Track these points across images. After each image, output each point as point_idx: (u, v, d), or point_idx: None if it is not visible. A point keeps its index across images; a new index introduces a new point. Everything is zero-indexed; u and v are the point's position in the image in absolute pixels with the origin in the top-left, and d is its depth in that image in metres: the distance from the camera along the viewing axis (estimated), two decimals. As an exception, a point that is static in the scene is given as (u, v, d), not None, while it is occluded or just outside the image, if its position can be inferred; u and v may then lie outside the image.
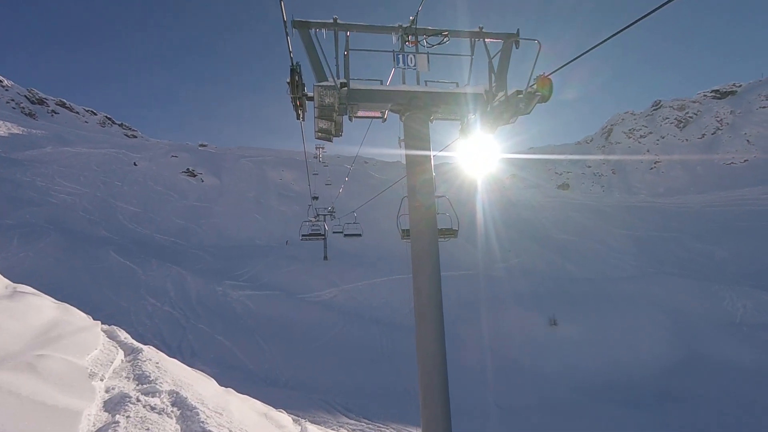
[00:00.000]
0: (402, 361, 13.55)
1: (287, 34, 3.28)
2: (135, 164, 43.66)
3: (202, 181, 43.06)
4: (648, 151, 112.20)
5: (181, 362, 10.30)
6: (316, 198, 37.52)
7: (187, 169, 43.95)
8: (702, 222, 49.37)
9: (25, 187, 30.48)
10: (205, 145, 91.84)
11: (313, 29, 3.74)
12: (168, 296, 14.45)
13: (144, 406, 3.26)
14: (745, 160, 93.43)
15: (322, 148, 49.19)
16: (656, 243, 42.85)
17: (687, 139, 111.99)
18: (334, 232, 22.89)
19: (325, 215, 29.67)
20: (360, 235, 17.90)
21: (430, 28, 4.02)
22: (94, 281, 13.98)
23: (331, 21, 3.77)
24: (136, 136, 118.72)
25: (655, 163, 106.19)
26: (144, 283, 15.24)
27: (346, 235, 18.41)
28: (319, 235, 21.61)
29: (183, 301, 14.26)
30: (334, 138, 4.02)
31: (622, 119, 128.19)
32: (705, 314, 20.98)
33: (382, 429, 9.49)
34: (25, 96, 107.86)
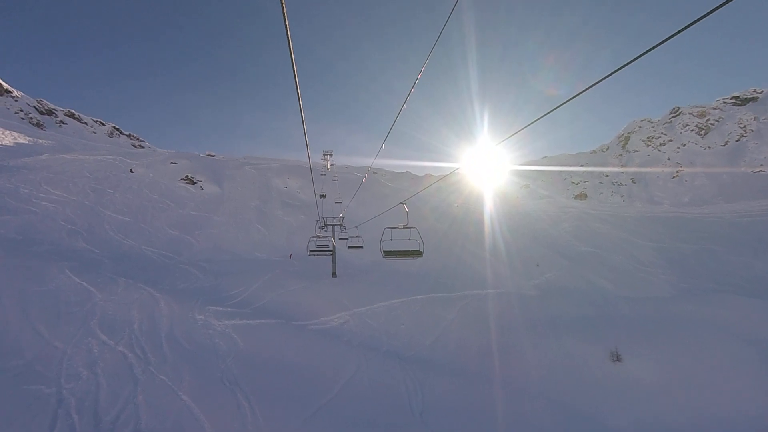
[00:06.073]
0: (437, 421, 10.03)
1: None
2: (131, 171, 41.04)
3: (202, 188, 40.21)
4: (669, 159, 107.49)
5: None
6: (323, 196, 34.48)
7: (186, 176, 41.18)
8: (735, 233, 45.74)
9: (4, 194, 27.78)
10: (212, 155, 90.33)
11: None
12: (129, 330, 10.96)
13: None
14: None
15: (330, 154, 46.10)
16: (687, 256, 39.27)
17: (710, 147, 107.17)
18: (349, 248, 19.35)
19: (334, 226, 26.35)
20: (420, 253, 9.07)
21: None
22: (23, 311, 10.52)
23: None
24: (143, 147, 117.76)
25: (677, 172, 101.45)
26: (100, 311, 11.75)
27: (387, 253, 9.10)
28: (327, 250, 18.58)
29: (148, 336, 10.80)
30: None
31: (640, 126, 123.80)
32: (797, 346, 16.99)
33: None
34: (34, 107, 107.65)
